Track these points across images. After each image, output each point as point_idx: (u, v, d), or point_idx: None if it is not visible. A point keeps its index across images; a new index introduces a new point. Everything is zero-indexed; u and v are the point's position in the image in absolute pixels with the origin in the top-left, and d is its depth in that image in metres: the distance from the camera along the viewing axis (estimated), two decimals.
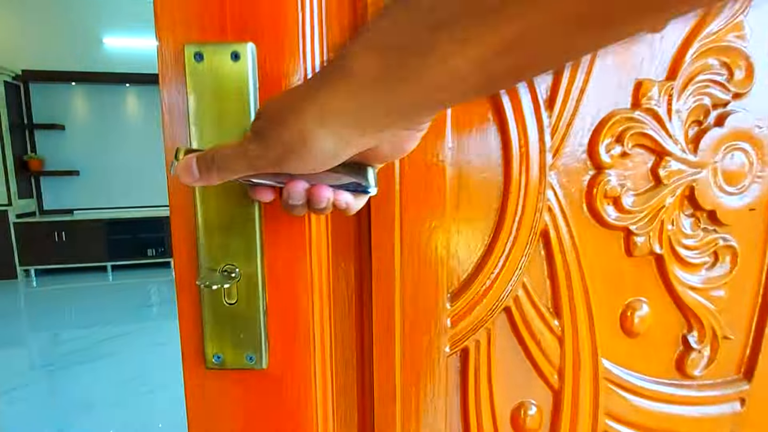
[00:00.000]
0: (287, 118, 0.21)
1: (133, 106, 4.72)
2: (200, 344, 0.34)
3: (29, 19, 4.38)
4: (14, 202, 4.22)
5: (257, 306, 0.33)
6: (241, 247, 0.32)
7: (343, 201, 0.26)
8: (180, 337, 0.34)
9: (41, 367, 2.33)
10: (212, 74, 0.30)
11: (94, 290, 3.98)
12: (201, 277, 0.32)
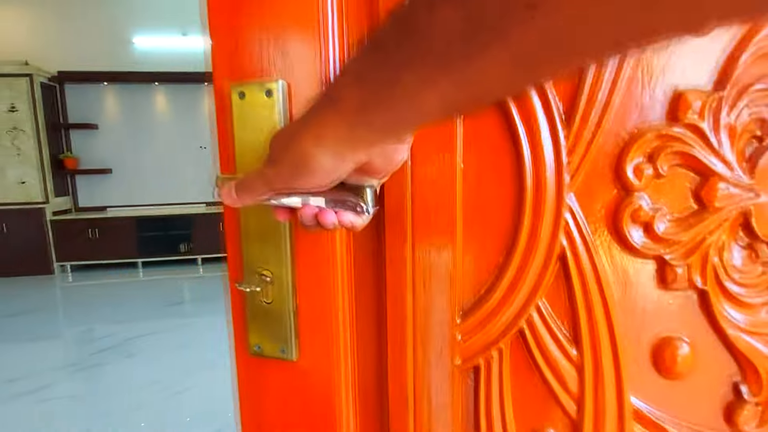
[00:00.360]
0: (291, 143, 0.26)
1: (162, 105, 4.78)
2: (245, 335, 0.40)
3: (64, 22, 4.49)
4: (51, 199, 4.36)
5: (288, 306, 0.38)
6: (274, 255, 0.37)
7: (347, 221, 0.30)
8: (231, 327, 0.41)
9: (70, 365, 2.36)
10: (251, 108, 0.35)
11: (125, 286, 4.06)
12: (239, 280, 0.38)
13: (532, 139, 0.35)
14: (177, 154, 4.86)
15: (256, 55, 0.35)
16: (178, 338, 2.68)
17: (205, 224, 4.57)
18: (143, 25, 4.60)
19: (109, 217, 4.44)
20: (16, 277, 4.30)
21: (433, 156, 0.34)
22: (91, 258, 4.45)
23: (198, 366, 2.29)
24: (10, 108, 4.16)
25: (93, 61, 4.54)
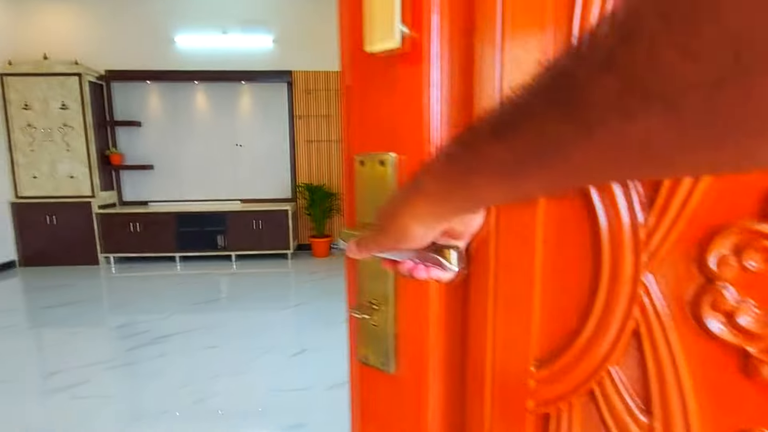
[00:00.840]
0: (394, 217, 0.33)
1: (202, 103, 4.87)
2: (357, 346, 0.51)
3: (112, 23, 4.65)
4: (97, 193, 4.56)
5: (390, 331, 0.47)
6: (381, 291, 0.47)
7: (434, 275, 0.37)
8: (349, 336, 0.52)
9: (106, 361, 2.43)
10: (369, 175, 0.45)
11: (164, 280, 4.19)
12: (354, 307, 0.49)
13: (610, 219, 0.36)
14: (214, 151, 4.95)
15: (374, 133, 0.44)
16: (208, 338, 2.71)
17: (239, 222, 4.63)
18: (185, 24, 4.69)
19: (150, 212, 4.59)
20: (65, 266, 4.55)
21: (516, 223, 0.39)
22: (133, 251, 4.62)
23: (225, 370, 2.29)
24: (61, 106, 4.36)
25: (138, 61, 4.69)
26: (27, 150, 4.42)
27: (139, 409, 1.96)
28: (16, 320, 3.10)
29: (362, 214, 0.46)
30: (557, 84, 0.19)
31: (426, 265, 0.36)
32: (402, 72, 0.41)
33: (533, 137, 0.21)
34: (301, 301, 3.44)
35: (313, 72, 4.86)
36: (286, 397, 2.04)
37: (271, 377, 2.21)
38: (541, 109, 0.20)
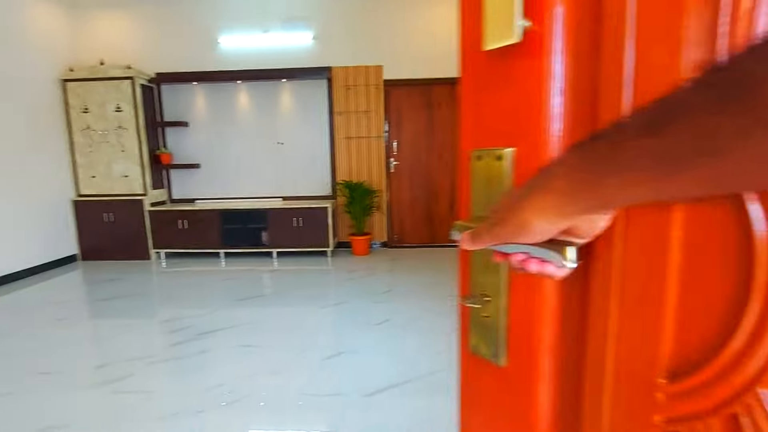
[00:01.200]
0: (516, 210, 0.33)
1: (244, 102, 4.95)
2: (467, 335, 0.51)
3: (161, 27, 4.83)
4: (149, 192, 4.76)
5: (501, 323, 0.47)
6: (493, 283, 0.47)
7: (547, 271, 0.36)
8: (460, 328, 0.53)
9: (149, 356, 2.48)
10: (485, 169, 0.46)
11: (209, 275, 4.29)
12: (466, 297, 0.49)
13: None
14: (256, 149, 5.02)
15: (491, 127, 0.46)
16: (247, 336, 2.70)
17: (280, 219, 4.66)
18: (228, 25, 4.78)
19: (196, 210, 4.73)
20: (119, 261, 4.80)
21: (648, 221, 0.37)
22: (181, 246, 4.79)
23: (261, 369, 2.25)
24: (116, 108, 4.59)
25: (185, 63, 4.84)
26: (86, 151, 4.70)
27: (175, 407, 1.96)
28: (72, 312, 3.28)
29: (477, 207, 0.48)
30: (731, 79, 0.19)
31: (540, 260, 0.36)
32: (521, 66, 0.41)
33: (693, 133, 0.21)
34: (339, 300, 3.37)
35: (353, 67, 4.78)
36: (319, 403, 1.96)
37: (306, 380, 2.15)
38: (708, 104, 0.20)
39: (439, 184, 5.05)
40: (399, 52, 4.75)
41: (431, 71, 4.77)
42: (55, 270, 4.56)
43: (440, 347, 2.47)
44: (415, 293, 3.46)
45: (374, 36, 4.74)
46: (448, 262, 4.46)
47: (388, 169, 5.01)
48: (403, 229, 5.17)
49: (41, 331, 2.89)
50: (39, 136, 4.42)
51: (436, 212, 5.12)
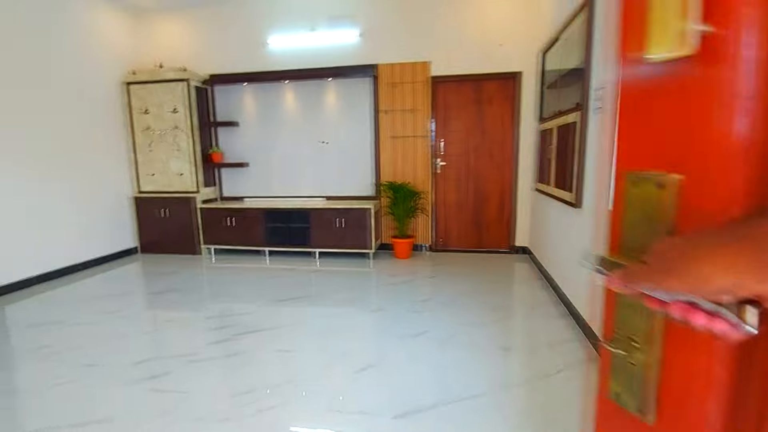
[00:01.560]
0: (692, 262, 0.29)
1: (290, 101, 4.98)
2: (607, 379, 0.46)
3: (214, 30, 4.98)
4: (200, 189, 4.94)
5: (652, 376, 0.40)
6: (644, 328, 0.41)
7: (719, 329, 0.31)
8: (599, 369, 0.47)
9: (189, 354, 2.51)
10: (642, 198, 0.41)
11: (254, 272, 4.36)
12: (610, 340, 0.44)
13: None
14: (301, 148, 5.04)
15: (652, 148, 0.41)
16: (282, 340, 2.66)
17: (322, 219, 4.63)
18: (276, 26, 4.82)
19: (243, 208, 4.83)
20: (172, 255, 5.03)
21: None
22: (229, 243, 4.92)
23: (291, 378, 2.18)
24: (173, 110, 4.79)
25: (236, 64, 4.95)
26: (146, 150, 4.96)
27: (203, 412, 1.94)
28: (124, 304, 3.44)
29: (628, 240, 0.44)
30: None
31: (708, 314, 0.31)
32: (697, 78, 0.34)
33: None
34: (377, 307, 3.25)
35: (399, 64, 4.64)
36: (345, 421, 1.84)
37: (335, 394, 2.04)
38: None
39: (489, 186, 4.77)
40: (448, 47, 4.53)
41: (482, 66, 4.51)
42: (117, 261, 4.87)
43: (481, 367, 2.26)
44: (457, 304, 3.26)
45: (422, 31, 4.56)
46: (494, 271, 4.19)
47: (434, 169, 4.82)
48: (448, 233, 4.95)
49: (94, 322, 3.04)
50: (105, 136, 4.73)
51: (484, 216, 4.85)
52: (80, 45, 4.42)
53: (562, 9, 3.31)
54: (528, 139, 4.56)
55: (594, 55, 2.52)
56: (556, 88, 3.45)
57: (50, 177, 4.11)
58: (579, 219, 2.80)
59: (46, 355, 2.58)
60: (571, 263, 2.98)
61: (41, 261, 4.05)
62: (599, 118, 2.41)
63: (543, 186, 3.79)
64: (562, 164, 3.12)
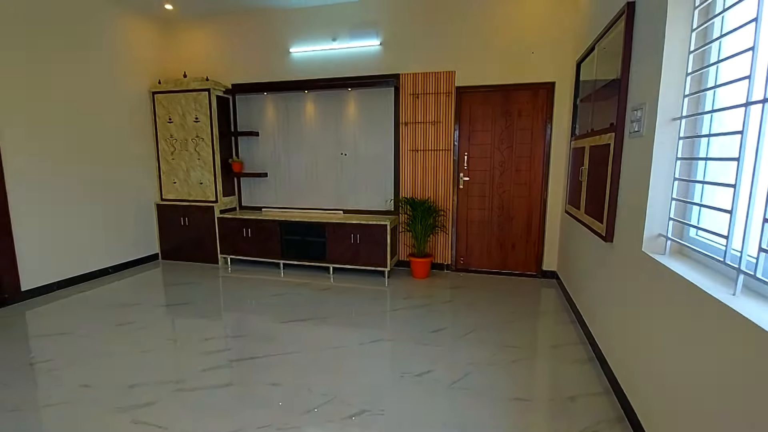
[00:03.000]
0: None
1: (311, 111, 4.87)
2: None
3: (237, 41, 4.96)
4: (220, 199, 4.92)
5: None
6: None
7: None
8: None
9: (178, 381, 2.42)
10: None
11: (267, 286, 4.27)
12: None
13: None
14: (320, 159, 4.91)
15: None
16: (276, 371, 2.51)
17: (337, 234, 4.48)
18: (299, 36, 4.72)
19: (259, 219, 4.76)
20: (191, 263, 5.05)
21: None
22: (245, 254, 4.87)
23: (277, 421, 2.02)
24: (195, 119, 4.81)
25: (258, 73, 4.91)
26: (169, 158, 5.01)
27: None
28: (135, 316, 3.42)
29: None
30: None
31: None
32: None
33: None
34: (381, 336, 3.04)
35: (422, 73, 4.41)
36: None
37: None
38: None
39: (515, 203, 4.45)
40: (474, 56, 4.26)
41: (511, 75, 4.20)
42: (139, 267, 4.95)
43: (488, 423, 2.00)
44: (473, 337, 2.99)
45: (446, 39, 4.31)
46: (517, 298, 3.87)
47: (457, 184, 4.55)
48: (470, 252, 4.66)
49: (100, 335, 3.03)
50: (131, 144, 4.82)
51: (509, 236, 4.52)
52: (112, 55, 4.52)
53: (599, 15, 2.98)
54: (560, 155, 4.21)
55: (633, 70, 2.20)
56: (590, 102, 3.11)
57: (80, 182, 4.20)
58: (609, 255, 2.46)
59: (46, 370, 2.57)
60: (600, 302, 2.64)
61: (68, 265, 4.14)
62: (636, 144, 2.09)
63: (573, 210, 3.44)
64: (593, 190, 2.79)
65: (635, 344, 1.99)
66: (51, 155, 3.97)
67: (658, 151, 1.84)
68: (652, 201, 1.89)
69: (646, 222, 1.92)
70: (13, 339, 3.04)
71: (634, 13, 2.19)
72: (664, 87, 1.80)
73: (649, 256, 1.85)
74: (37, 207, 3.86)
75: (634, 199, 2.06)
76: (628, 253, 2.13)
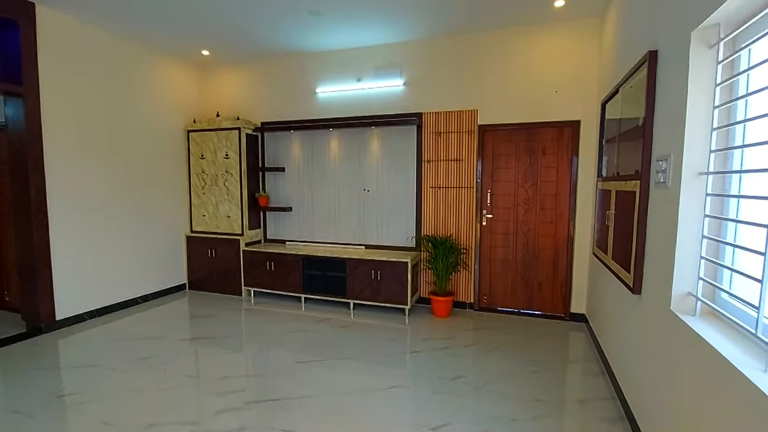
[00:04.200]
0: None
1: (335, 148, 4.99)
2: None
3: (267, 82, 5.21)
4: (245, 232, 5.06)
5: None
6: None
7: None
8: None
9: (191, 423, 2.42)
10: None
11: (289, 322, 4.29)
12: None
13: None
14: (343, 195, 4.99)
15: None
16: (288, 416, 2.48)
17: (358, 269, 4.48)
18: (325, 77, 4.92)
19: (282, 253, 4.84)
20: (216, 293, 5.16)
21: None
22: (268, 287, 4.94)
23: None
24: (225, 156, 5.03)
25: (285, 112, 5.12)
26: (200, 192, 5.23)
27: None
28: (159, 350, 3.50)
29: None
30: None
31: None
32: None
33: None
34: (396, 382, 2.96)
35: (445, 112, 4.46)
36: None
37: None
38: None
39: (541, 241, 4.33)
40: (497, 95, 4.28)
41: (535, 114, 4.18)
42: (168, 296, 5.10)
43: None
44: (493, 387, 2.86)
45: (469, 79, 4.37)
46: (543, 343, 3.70)
47: (480, 221, 4.49)
48: (493, 291, 4.54)
49: (125, 369, 3.11)
50: (166, 179, 5.07)
51: (535, 275, 4.38)
52: (154, 96, 4.84)
53: (623, 58, 2.95)
54: (587, 194, 4.09)
55: (657, 119, 2.14)
56: (614, 143, 3.03)
57: (116, 215, 4.44)
58: (637, 308, 2.33)
59: (72, 403, 2.64)
60: (629, 356, 2.49)
61: (100, 295, 4.33)
62: (663, 195, 2.01)
63: (601, 253, 3.31)
64: (620, 236, 2.68)
65: (666, 409, 1.85)
66: (92, 191, 4.22)
67: (684, 205, 1.76)
68: (680, 257, 1.79)
69: (674, 279, 1.81)
70: (45, 368, 3.17)
71: (657, 62, 2.15)
72: (689, 140, 1.74)
73: (678, 317, 1.74)
74: (75, 240, 4.09)
75: (662, 252, 1.96)
76: (657, 310, 2.01)
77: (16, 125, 3.71)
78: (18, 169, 3.75)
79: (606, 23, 3.69)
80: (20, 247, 3.84)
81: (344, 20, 4.01)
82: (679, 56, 1.83)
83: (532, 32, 4.14)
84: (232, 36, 4.42)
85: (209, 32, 4.31)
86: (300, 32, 4.32)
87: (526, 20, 4.01)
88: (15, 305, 4.44)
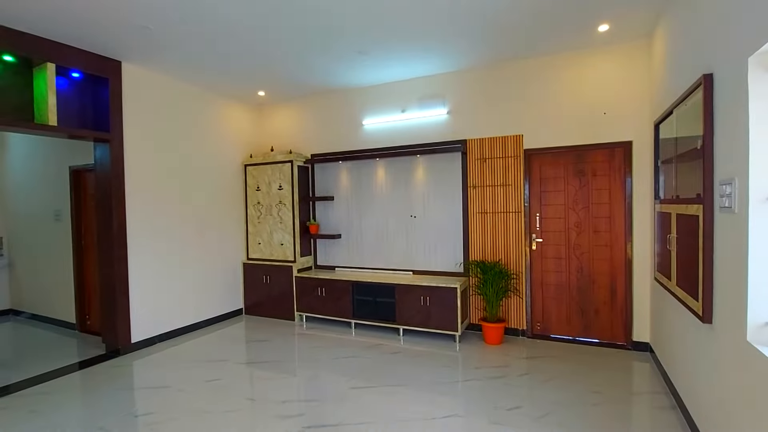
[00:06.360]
0: None
1: (381, 177, 5.16)
2: None
3: (317, 117, 5.53)
4: (297, 258, 5.29)
5: None
6: None
7: None
8: None
9: None
10: None
11: (338, 346, 4.39)
12: None
13: None
14: (390, 222, 5.11)
15: None
16: None
17: (407, 295, 4.53)
18: (371, 109, 5.15)
19: (333, 279, 5.00)
20: (271, 318, 5.38)
21: None
22: (319, 312, 5.09)
23: None
24: (279, 187, 5.34)
25: (334, 144, 5.38)
26: (256, 222, 5.56)
27: None
28: (221, 373, 3.70)
29: None
30: None
31: None
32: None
33: None
34: (451, 411, 2.94)
35: (489, 138, 4.52)
36: None
37: None
38: None
39: (596, 266, 4.18)
40: (543, 119, 4.29)
41: (582, 137, 4.13)
42: (226, 321, 5.39)
43: None
44: (552, 420, 2.77)
45: (513, 104, 4.41)
46: (604, 373, 3.52)
47: (529, 246, 4.42)
48: (546, 317, 4.41)
49: (193, 391, 3.32)
50: (226, 210, 5.45)
51: (590, 300, 4.22)
52: (217, 135, 5.29)
53: (675, 80, 2.89)
54: (644, 216, 3.94)
55: (716, 142, 2.09)
56: (671, 164, 2.94)
57: (183, 246, 4.82)
58: (708, 338, 2.21)
59: (146, 423, 2.85)
60: (702, 391, 2.33)
61: (168, 320, 4.67)
62: (729, 221, 1.94)
63: (664, 279, 3.16)
64: (684, 262, 2.57)
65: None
66: (164, 225, 4.63)
67: (755, 232, 1.69)
68: (753, 285, 1.71)
69: (748, 307, 1.73)
70: (122, 388, 3.45)
71: (713, 85, 2.11)
72: (755, 163, 1.69)
73: (757, 349, 1.65)
74: (150, 269, 4.47)
75: (733, 279, 1.88)
76: (731, 340, 1.90)
77: (103, 167, 4.19)
78: (103, 206, 4.21)
79: (655, 44, 3.64)
80: (102, 276, 4.26)
81: (390, 57, 4.23)
82: (737, 81, 1.80)
83: (577, 56, 4.15)
84: (286, 78, 4.78)
85: (266, 76, 4.70)
86: (348, 70, 4.59)
87: (570, 46, 4.03)
88: (95, 329, 4.89)
